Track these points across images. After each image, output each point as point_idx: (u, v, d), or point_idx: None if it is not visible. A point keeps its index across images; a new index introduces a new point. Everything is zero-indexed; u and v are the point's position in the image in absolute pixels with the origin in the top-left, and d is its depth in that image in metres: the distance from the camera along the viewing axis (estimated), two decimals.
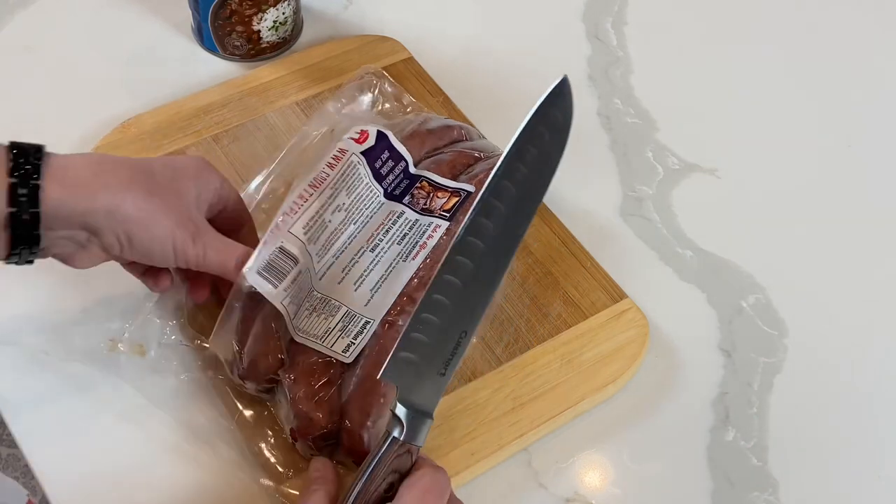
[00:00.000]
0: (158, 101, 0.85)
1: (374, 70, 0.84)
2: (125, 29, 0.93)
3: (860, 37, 0.98)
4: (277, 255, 0.65)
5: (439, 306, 0.59)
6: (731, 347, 0.74)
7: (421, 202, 0.72)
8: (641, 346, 0.72)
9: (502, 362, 0.71)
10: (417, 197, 0.73)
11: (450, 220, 0.72)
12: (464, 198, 0.73)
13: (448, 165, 0.75)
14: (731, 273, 0.79)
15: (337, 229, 0.69)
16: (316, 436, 0.63)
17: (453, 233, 0.70)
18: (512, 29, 0.96)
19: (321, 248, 0.68)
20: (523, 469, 0.68)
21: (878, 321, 0.77)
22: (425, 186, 0.73)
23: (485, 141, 0.80)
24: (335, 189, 0.70)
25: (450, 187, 0.73)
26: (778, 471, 0.68)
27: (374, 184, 0.72)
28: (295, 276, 0.65)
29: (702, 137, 0.88)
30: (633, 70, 0.93)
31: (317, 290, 0.67)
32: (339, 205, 0.70)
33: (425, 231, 0.71)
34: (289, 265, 0.65)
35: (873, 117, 0.91)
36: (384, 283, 0.68)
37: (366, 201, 0.71)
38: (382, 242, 0.70)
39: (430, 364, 0.59)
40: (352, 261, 0.69)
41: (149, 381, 0.69)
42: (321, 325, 0.66)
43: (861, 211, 0.84)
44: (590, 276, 0.76)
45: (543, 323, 0.73)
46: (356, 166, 0.71)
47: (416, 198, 0.73)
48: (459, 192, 0.73)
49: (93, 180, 0.60)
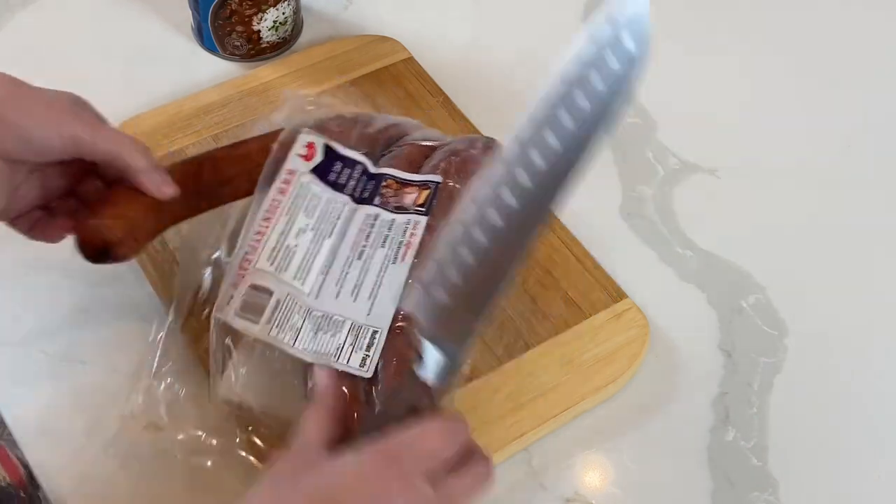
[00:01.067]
0: (158, 101, 0.85)
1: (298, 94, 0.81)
2: (125, 29, 0.93)
3: (860, 37, 0.98)
4: (250, 292, 0.65)
5: (478, 246, 0.52)
6: (731, 347, 0.74)
7: (392, 201, 0.71)
8: (641, 346, 0.72)
9: (502, 362, 0.71)
10: (387, 196, 0.71)
11: (427, 215, 0.70)
12: (434, 189, 0.71)
13: (406, 160, 0.74)
14: (731, 273, 0.79)
15: (310, 249, 0.68)
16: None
17: (435, 229, 0.69)
18: (512, 29, 0.96)
19: (298, 271, 0.67)
20: (523, 469, 0.68)
21: (878, 321, 0.77)
22: (392, 184, 0.72)
23: (430, 130, 0.79)
24: (290, 215, 0.68)
25: (416, 181, 0.72)
26: (778, 471, 0.68)
27: (335, 195, 0.70)
28: (274, 306, 0.64)
29: (702, 137, 0.88)
30: None
31: (316, 309, 0.65)
32: (300, 227, 0.68)
33: (406, 229, 0.69)
34: (264, 299, 0.65)
35: (873, 117, 0.91)
36: (380, 291, 0.67)
37: (332, 213, 0.69)
38: (367, 248, 0.68)
39: (460, 309, 0.54)
40: (342, 272, 0.67)
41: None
42: (331, 343, 0.64)
43: (861, 211, 0.84)
44: (590, 276, 0.76)
45: (543, 323, 0.73)
46: (308, 186, 0.70)
47: (385, 197, 0.71)
48: (427, 184, 0.72)
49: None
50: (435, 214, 0.70)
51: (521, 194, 0.51)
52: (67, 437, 0.67)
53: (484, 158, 0.74)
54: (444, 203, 0.70)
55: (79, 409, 0.68)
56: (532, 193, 0.51)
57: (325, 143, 0.72)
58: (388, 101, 0.86)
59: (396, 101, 0.86)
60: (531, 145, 0.50)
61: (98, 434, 0.67)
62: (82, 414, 0.68)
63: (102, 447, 0.66)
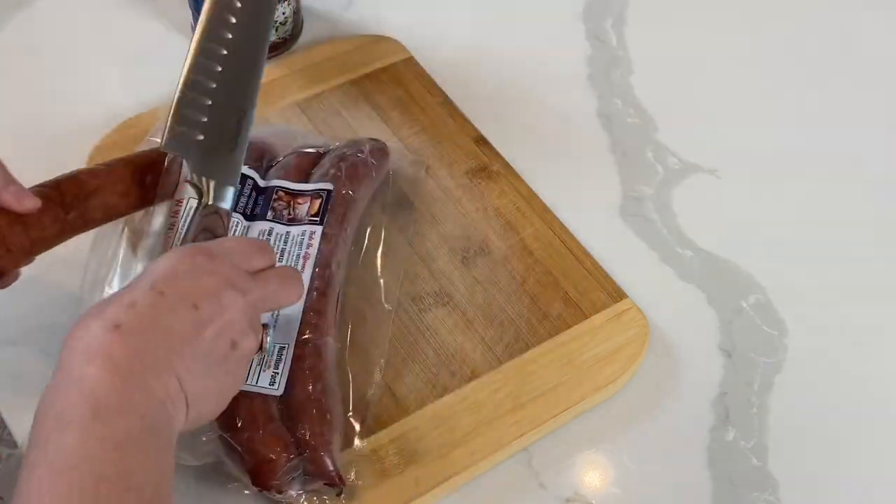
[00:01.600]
0: (158, 101, 0.85)
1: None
2: (125, 29, 0.93)
3: (862, 37, 0.98)
4: None
5: (204, 87, 0.66)
6: (731, 347, 0.74)
7: (285, 214, 0.71)
8: (641, 346, 0.72)
9: (502, 362, 0.71)
10: (279, 209, 0.71)
11: (321, 224, 0.70)
12: (326, 197, 0.71)
13: (294, 170, 0.73)
14: (731, 273, 0.79)
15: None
16: (281, 474, 0.61)
17: (331, 237, 0.69)
18: (512, 29, 0.96)
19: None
20: (523, 469, 0.68)
21: (877, 321, 0.77)
22: (282, 196, 0.71)
23: (315, 135, 0.79)
24: (181, 242, 0.66)
25: (307, 191, 0.72)
26: (778, 471, 0.68)
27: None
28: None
29: (702, 137, 0.88)
30: (633, 70, 0.93)
31: None
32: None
33: (302, 241, 0.69)
34: None
35: (874, 117, 0.91)
36: None
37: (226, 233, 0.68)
38: None
39: (217, 141, 0.66)
40: None
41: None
42: None
43: (861, 211, 0.84)
44: (590, 276, 0.76)
45: (543, 323, 0.73)
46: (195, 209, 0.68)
47: (277, 210, 0.71)
48: (319, 192, 0.72)
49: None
50: (330, 223, 0.70)
51: (230, 33, 0.67)
52: None
53: (372, 161, 0.75)
54: (337, 210, 0.71)
55: None
56: (239, 31, 0.68)
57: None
58: (388, 101, 0.86)
59: (396, 101, 0.86)
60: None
61: None
62: None
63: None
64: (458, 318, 0.73)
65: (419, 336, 0.72)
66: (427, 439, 0.67)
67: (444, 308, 0.73)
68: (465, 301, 0.74)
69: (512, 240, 0.78)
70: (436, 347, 0.71)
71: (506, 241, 0.78)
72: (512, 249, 0.77)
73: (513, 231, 0.78)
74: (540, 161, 0.84)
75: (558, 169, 0.84)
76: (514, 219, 0.79)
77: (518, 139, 0.85)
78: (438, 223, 0.79)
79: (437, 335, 0.72)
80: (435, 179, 0.81)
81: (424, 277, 0.75)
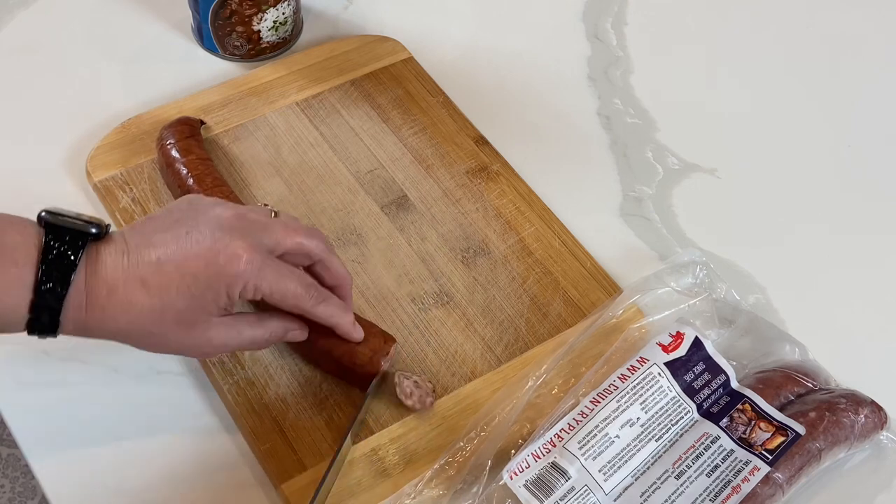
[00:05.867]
0: (158, 101, 0.85)
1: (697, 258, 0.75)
2: (125, 29, 0.93)
3: (860, 37, 0.98)
4: (549, 469, 0.62)
5: None
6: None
7: (740, 429, 0.64)
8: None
9: (502, 362, 0.71)
10: (737, 422, 0.64)
11: (771, 465, 0.62)
12: (791, 439, 0.63)
13: (773, 388, 0.66)
14: (731, 273, 0.79)
15: (630, 445, 0.63)
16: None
17: (772, 483, 0.61)
18: (512, 29, 0.96)
19: (607, 466, 0.62)
20: None
21: (877, 321, 0.77)
22: (747, 410, 0.64)
23: (814, 362, 0.70)
24: (625, 402, 0.64)
25: (776, 420, 0.64)
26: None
27: (683, 397, 0.65)
28: (565, 492, 0.61)
29: (702, 137, 0.88)
30: (633, 70, 0.93)
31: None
32: (629, 419, 0.63)
33: (741, 470, 0.62)
34: (559, 482, 0.61)
35: (873, 117, 0.91)
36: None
37: (672, 416, 0.64)
38: (690, 470, 0.62)
39: None
40: (653, 485, 0.62)
41: (149, 378, 0.69)
42: None
43: (861, 211, 0.84)
44: (590, 276, 0.76)
45: (543, 323, 0.73)
46: (656, 379, 0.65)
47: (735, 422, 0.64)
48: (786, 429, 0.63)
49: (111, 304, 0.59)
50: (779, 468, 0.62)
51: None
52: (68, 437, 0.67)
53: (862, 427, 0.66)
54: (793, 459, 0.63)
55: (79, 409, 0.68)
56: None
57: (697, 336, 0.67)
58: (388, 101, 0.86)
59: (396, 101, 0.86)
60: None
61: (99, 433, 0.67)
62: (82, 414, 0.68)
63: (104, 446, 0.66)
64: (458, 318, 0.73)
65: (419, 336, 0.72)
66: (427, 439, 0.67)
67: (444, 308, 0.73)
68: (465, 301, 0.74)
69: (512, 240, 0.78)
70: (436, 347, 0.71)
71: (505, 241, 0.78)
72: (512, 249, 0.77)
73: (512, 231, 0.78)
74: (540, 161, 0.84)
75: (558, 169, 0.84)
76: (513, 219, 0.79)
77: (518, 139, 0.85)
78: (438, 223, 0.79)
79: (437, 335, 0.72)
80: (435, 179, 0.81)
81: (424, 277, 0.75)
